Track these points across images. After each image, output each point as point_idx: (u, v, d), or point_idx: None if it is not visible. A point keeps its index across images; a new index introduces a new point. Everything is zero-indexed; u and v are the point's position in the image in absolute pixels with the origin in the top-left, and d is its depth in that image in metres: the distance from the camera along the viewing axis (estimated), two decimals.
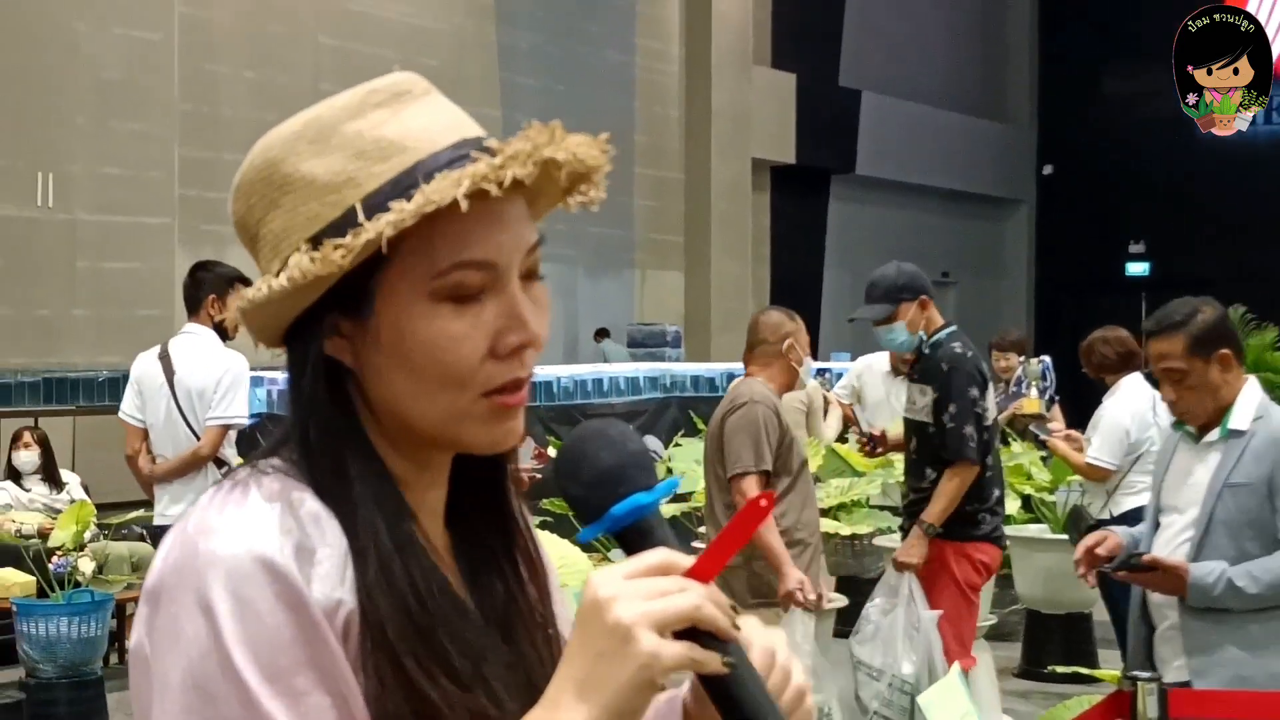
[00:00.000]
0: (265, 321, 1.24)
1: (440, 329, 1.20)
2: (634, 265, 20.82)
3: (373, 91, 1.24)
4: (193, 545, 1.15)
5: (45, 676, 6.81)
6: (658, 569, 1.11)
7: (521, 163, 1.17)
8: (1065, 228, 30.24)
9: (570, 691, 1.09)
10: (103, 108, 12.54)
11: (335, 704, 1.13)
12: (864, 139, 25.35)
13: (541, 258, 1.27)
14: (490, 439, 1.25)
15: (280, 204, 1.22)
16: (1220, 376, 4.07)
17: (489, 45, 17.89)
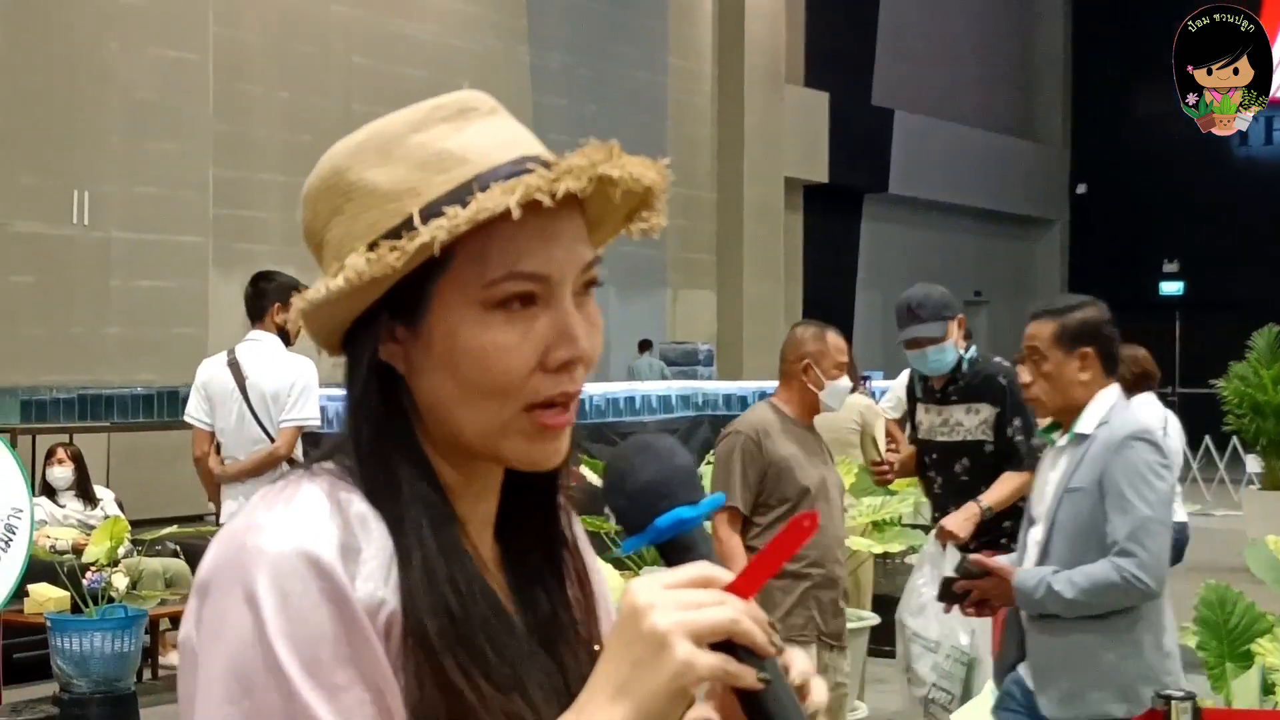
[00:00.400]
0: (323, 323, 1.26)
1: (490, 338, 1.21)
2: (666, 284, 20.83)
3: (438, 106, 1.27)
4: (240, 541, 1.17)
5: (79, 691, 6.84)
6: (698, 581, 1.12)
7: (576, 176, 1.19)
8: (1098, 247, 30.14)
9: (604, 695, 1.10)
10: (137, 127, 12.61)
11: (374, 700, 1.14)
12: (896, 158, 25.33)
13: None
14: (530, 456, 1.26)
15: (343, 211, 1.25)
16: (1077, 374, 4.09)
17: (521, 66, 17.94)
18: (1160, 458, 3.98)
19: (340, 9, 15.81)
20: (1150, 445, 3.99)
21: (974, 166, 27.13)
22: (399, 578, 1.19)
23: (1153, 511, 3.91)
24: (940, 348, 5.84)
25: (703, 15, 21.34)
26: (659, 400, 13.60)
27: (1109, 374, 4.12)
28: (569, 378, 1.23)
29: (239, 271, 14.83)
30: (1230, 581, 4.50)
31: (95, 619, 6.89)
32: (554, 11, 18.72)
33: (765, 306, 21.68)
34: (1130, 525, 3.89)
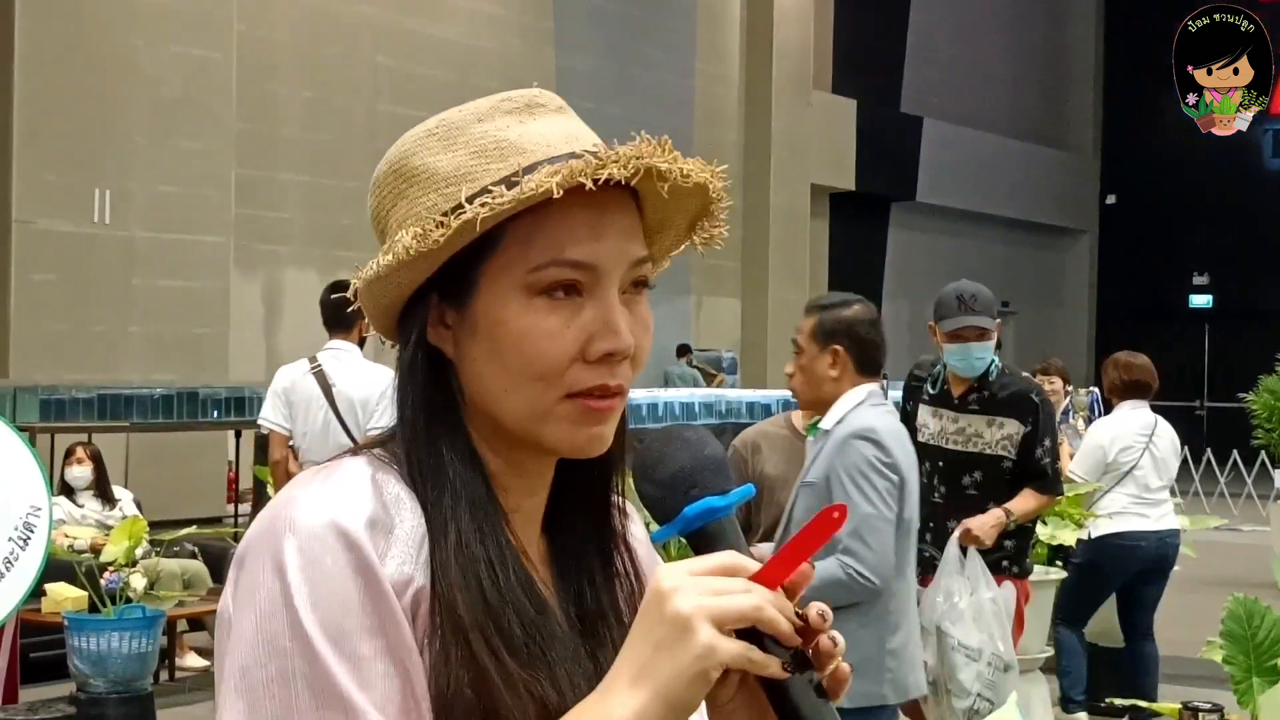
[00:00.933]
0: (376, 302, 1.30)
1: (532, 323, 1.23)
2: (690, 291, 20.80)
3: (506, 99, 1.30)
4: (276, 513, 1.20)
5: (96, 691, 6.84)
6: (725, 569, 1.13)
7: (622, 164, 1.21)
8: (1127, 258, 30.03)
9: (626, 677, 1.12)
10: (160, 125, 12.62)
11: (397, 673, 1.16)
12: (925, 166, 25.26)
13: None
14: (573, 441, 1.27)
15: (406, 195, 1.28)
16: (828, 370, 4.19)
17: (547, 68, 17.93)
18: (884, 455, 4.07)
19: (365, 9, 15.81)
20: (872, 444, 4.07)
21: (1003, 175, 27.04)
22: (430, 554, 1.21)
23: (875, 509, 4.00)
24: (983, 345, 5.59)
25: (730, 20, 21.31)
26: (682, 407, 13.59)
27: (861, 373, 4.21)
28: (609, 371, 1.25)
29: (261, 271, 14.89)
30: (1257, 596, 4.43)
31: (113, 619, 6.88)
32: (580, 14, 18.71)
33: (790, 314, 21.56)
34: (853, 523, 3.96)
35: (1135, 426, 7.60)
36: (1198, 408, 27.64)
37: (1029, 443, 5.56)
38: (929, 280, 26.42)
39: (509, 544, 1.26)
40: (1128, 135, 30.14)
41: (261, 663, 1.15)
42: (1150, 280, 29.73)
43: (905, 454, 4.22)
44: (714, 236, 1.37)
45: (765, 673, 1.11)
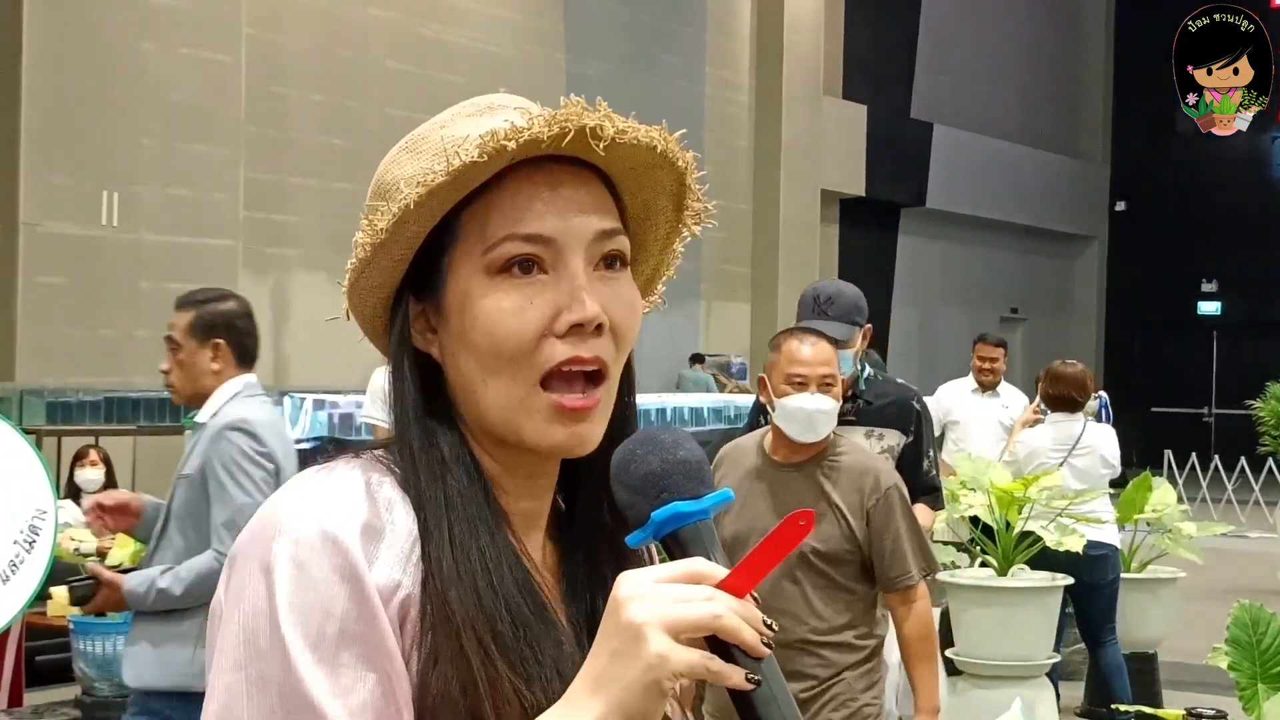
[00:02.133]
0: (360, 311, 1.32)
1: (494, 303, 1.23)
2: (700, 296, 20.78)
3: (469, 104, 1.34)
4: (269, 516, 1.20)
5: (101, 695, 6.84)
6: (689, 576, 1.11)
7: (545, 123, 1.21)
8: (1137, 265, 29.99)
9: (585, 688, 1.10)
10: (169, 128, 12.62)
11: (377, 680, 1.15)
12: (935, 172, 25.24)
13: None
14: (551, 440, 1.25)
15: (377, 209, 1.29)
16: (209, 363, 4.27)
17: (558, 73, 17.93)
18: (258, 445, 4.11)
19: (377, 13, 15.81)
20: (246, 434, 4.12)
21: (1013, 182, 27.01)
22: (423, 558, 1.20)
23: (250, 498, 4.01)
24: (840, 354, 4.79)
25: (742, 26, 21.31)
26: (691, 412, 13.55)
27: (240, 365, 4.29)
28: (582, 342, 1.23)
29: (270, 276, 14.89)
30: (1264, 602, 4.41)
31: (119, 622, 6.86)
32: (592, 19, 18.71)
33: None
34: (228, 513, 4.01)
35: (1052, 441, 7.72)
36: (1205, 414, 27.58)
37: (913, 454, 5.16)
38: (939, 286, 26.41)
39: (506, 545, 1.24)
40: (1138, 142, 30.10)
41: (242, 664, 1.15)
42: (1159, 287, 29.68)
43: (281, 444, 4.30)
44: (700, 215, 1.36)
45: (727, 683, 1.09)
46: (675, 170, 1.32)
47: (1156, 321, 29.81)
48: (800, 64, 21.52)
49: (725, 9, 21.02)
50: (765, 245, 21.27)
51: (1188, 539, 8.48)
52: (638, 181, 1.31)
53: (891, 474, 4.17)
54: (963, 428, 9.63)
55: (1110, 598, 7.60)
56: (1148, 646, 8.35)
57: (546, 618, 1.24)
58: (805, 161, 21.60)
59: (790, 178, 21.33)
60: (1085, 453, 7.73)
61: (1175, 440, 22.12)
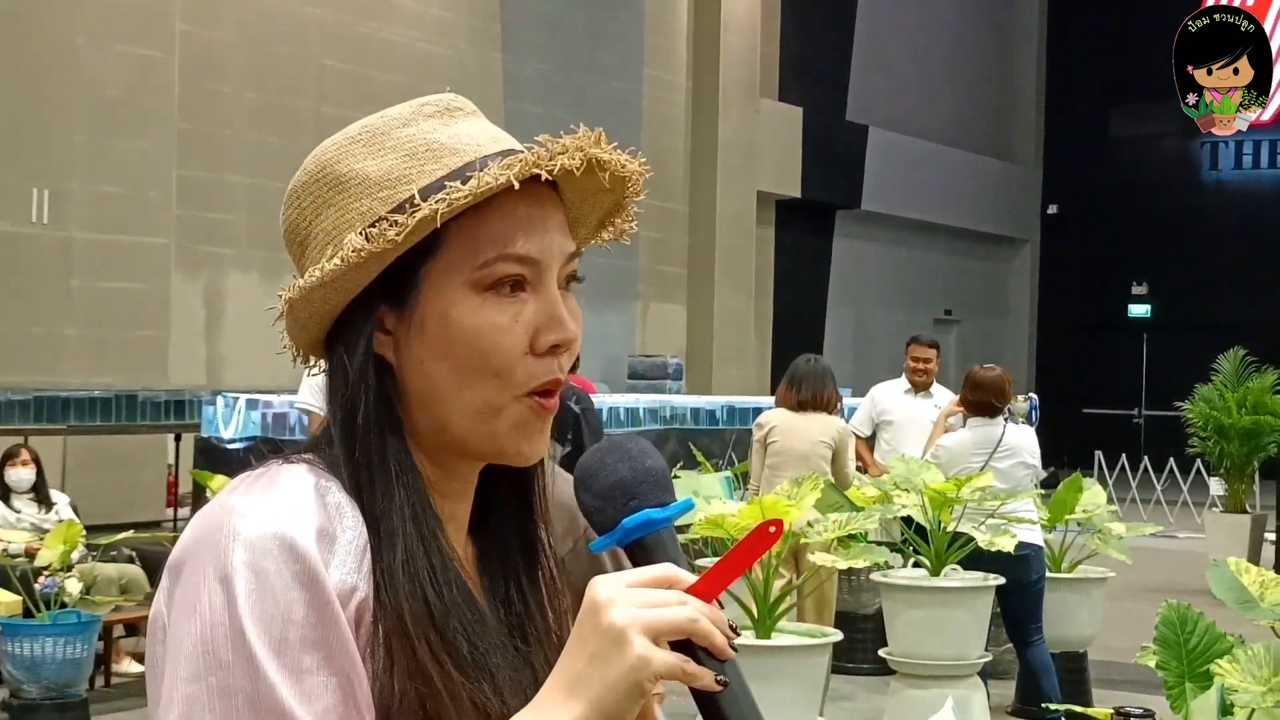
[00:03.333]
0: (311, 314, 1.28)
1: (484, 319, 1.24)
2: (637, 297, 20.79)
3: (426, 104, 1.31)
4: (217, 522, 1.18)
5: (29, 697, 6.77)
6: (660, 581, 1.14)
7: (571, 155, 1.24)
8: (1068, 268, 30.26)
9: (561, 689, 1.12)
10: (101, 125, 12.50)
11: (340, 684, 1.16)
12: (870, 174, 25.36)
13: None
14: (517, 446, 1.28)
15: (333, 203, 1.28)
16: None
17: (495, 73, 17.90)
18: None
19: (313, 10, 15.72)
20: None
21: (947, 184, 27.19)
22: (373, 565, 1.21)
23: None
24: None
25: (678, 27, 21.34)
26: (626, 413, 13.54)
27: None
28: (557, 363, 1.27)
29: (202, 274, 14.77)
30: (1192, 602, 4.46)
31: (47, 624, 6.81)
32: (529, 18, 18.68)
33: (736, 321, 21.65)
34: None
35: (972, 445, 7.82)
36: (1135, 416, 27.84)
37: (570, 466, 4.28)
38: (874, 288, 26.55)
39: (449, 555, 1.26)
40: (1069, 146, 30.36)
41: (201, 674, 1.14)
42: (1090, 289, 29.95)
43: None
44: (622, 233, 1.38)
45: (699, 685, 1.12)
46: (621, 194, 1.35)
47: (1088, 323, 30.08)
48: (737, 65, 21.57)
49: (662, 10, 21.05)
50: (701, 246, 21.31)
51: (1117, 539, 8.56)
52: (583, 200, 1.33)
53: None
54: (896, 428, 9.73)
55: (1035, 597, 7.67)
56: (1077, 645, 8.42)
57: (487, 622, 1.27)
58: (741, 163, 21.65)
59: (726, 179, 21.38)
60: (1006, 455, 7.81)
61: (1106, 441, 22.31)
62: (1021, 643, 7.75)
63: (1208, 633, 4.43)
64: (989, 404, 7.88)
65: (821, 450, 8.30)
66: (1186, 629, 4.46)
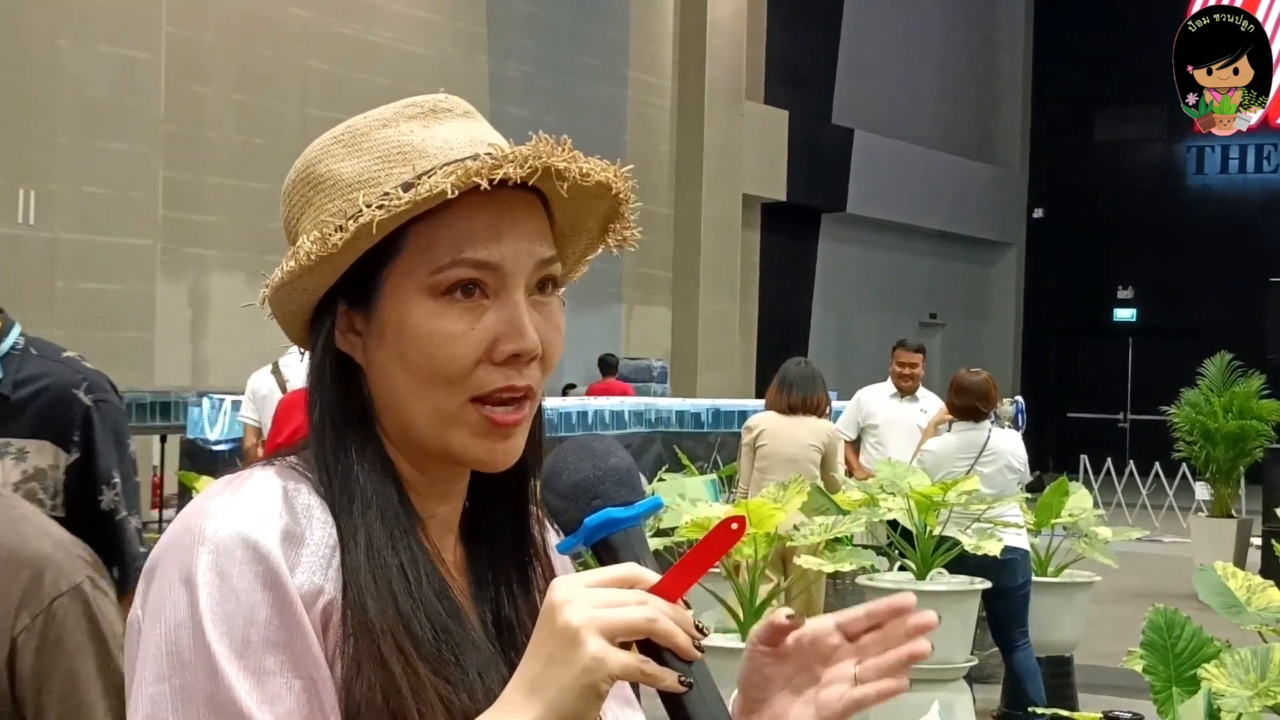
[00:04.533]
0: (285, 308, 1.30)
1: (436, 325, 1.23)
2: (621, 300, 20.79)
3: (410, 104, 1.31)
4: (186, 525, 1.19)
5: None
6: (621, 581, 1.12)
7: (518, 164, 1.21)
8: (1054, 272, 30.30)
9: (520, 692, 1.11)
10: (86, 126, 12.47)
11: (303, 687, 1.16)
12: (855, 178, 25.38)
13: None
14: (476, 453, 1.26)
15: (312, 202, 1.29)
16: None
17: (480, 75, 17.87)
18: None
19: (298, 12, 15.69)
20: None
21: (932, 188, 27.21)
22: (342, 562, 1.20)
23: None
24: None
25: (664, 30, 21.34)
26: (612, 415, 13.56)
27: None
28: (516, 372, 1.25)
29: (188, 275, 14.74)
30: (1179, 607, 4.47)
31: None
32: (514, 21, 18.66)
33: (721, 324, 21.65)
34: None
35: (958, 450, 7.86)
36: (1120, 420, 27.89)
37: (82, 484, 3.06)
38: (859, 291, 26.57)
39: (422, 550, 1.25)
40: (1055, 150, 30.41)
41: (165, 675, 1.15)
42: (1076, 293, 29.99)
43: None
44: (625, 239, 1.37)
45: (660, 686, 1.11)
46: (615, 200, 1.32)
47: (1073, 328, 30.13)
48: (722, 68, 21.57)
49: (647, 12, 21.05)
50: (686, 249, 21.30)
51: (1103, 543, 8.57)
52: (574, 206, 1.31)
53: (71, 560, 1.98)
54: (881, 431, 9.75)
55: (1021, 601, 7.68)
56: (1063, 650, 8.43)
57: (463, 621, 1.25)
58: (726, 165, 21.65)
59: (712, 182, 21.38)
60: (991, 459, 7.83)
61: (1091, 445, 22.35)
62: (1007, 647, 7.76)
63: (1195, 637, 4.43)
64: (974, 408, 7.90)
65: (810, 454, 8.32)
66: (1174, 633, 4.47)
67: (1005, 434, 8.26)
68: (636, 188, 1.33)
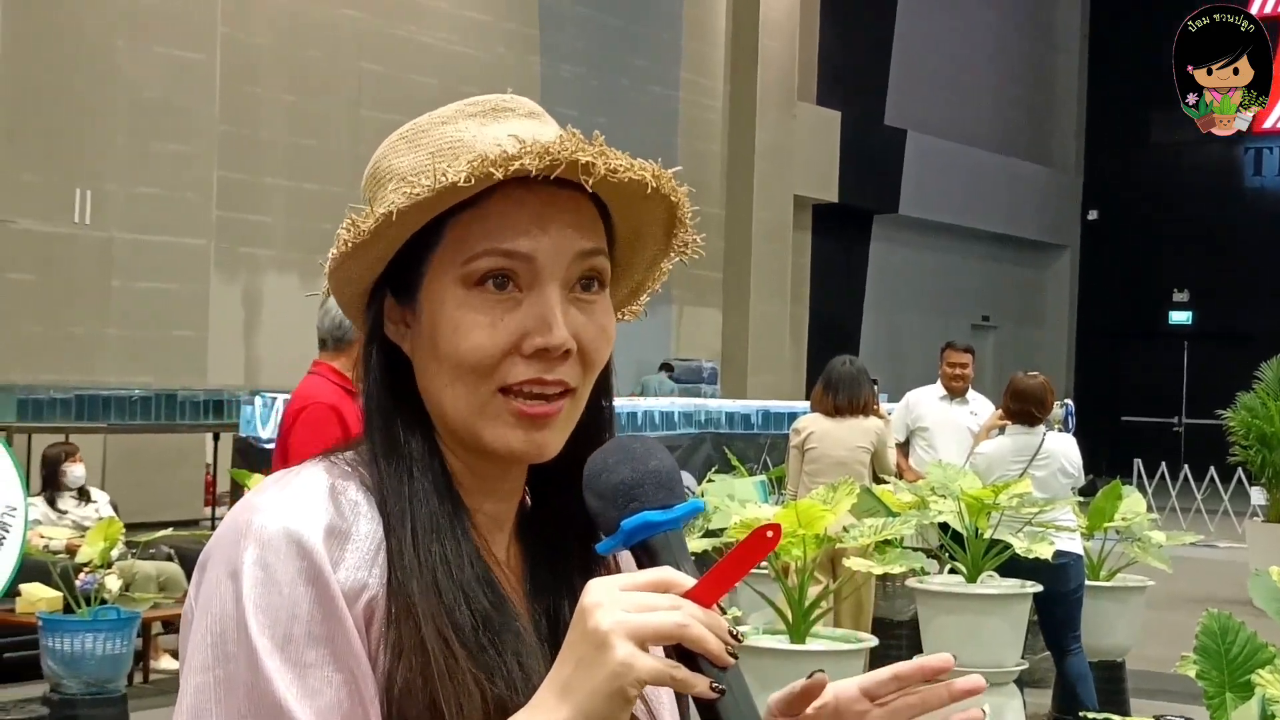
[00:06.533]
0: (340, 295, 1.33)
1: (465, 315, 1.24)
2: (672, 301, 20.79)
3: (472, 103, 1.32)
4: (235, 520, 1.21)
5: (69, 692, 6.80)
6: (655, 585, 1.11)
7: (537, 156, 1.20)
8: (1108, 274, 30.09)
9: (552, 694, 1.11)
10: (141, 127, 12.58)
11: (343, 681, 1.17)
12: (908, 179, 25.29)
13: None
14: (508, 444, 1.26)
15: (376, 196, 1.30)
16: None
17: (531, 76, 17.92)
18: None
19: (350, 14, 15.78)
20: None
21: (985, 190, 27.08)
22: (388, 556, 1.21)
23: None
24: None
25: (716, 31, 21.33)
26: (662, 416, 13.55)
27: None
28: (546, 367, 1.24)
29: (241, 275, 14.85)
30: (1232, 612, 4.42)
31: (87, 620, 6.85)
32: (566, 22, 18.70)
33: (771, 325, 21.61)
34: None
35: (1011, 453, 7.81)
36: (1175, 424, 27.68)
37: None
38: (910, 293, 26.47)
39: (467, 539, 1.25)
40: (1110, 152, 30.21)
41: (210, 665, 1.17)
42: (1130, 296, 29.78)
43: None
44: (687, 244, 1.37)
45: (692, 692, 1.09)
46: (668, 203, 1.31)
47: (1127, 331, 29.91)
48: (775, 69, 21.54)
49: (700, 14, 21.05)
50: (737, 250, 21.29)
51: (1157, 548, 8.50)
52: (630, 208, 1.30)
53: None
54: (931, 433, 9.70)
55: (1074, 606, 7.63)
56: (1115, 654, 8.37)
57: (506, 610, 1.25)
58: (778, 167, 21.62)
59: (763, 183, 21.36)
60: (1045, 463, 7.77)
61: (1145, 449, 22.18)
62: (1059, 651, 7.71)
63: (1249, 643, 4.39)
64: (1030, 413, 7.85)
65: (860, 456, 8.29)
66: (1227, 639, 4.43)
67: (1060, 437, 8.21)
68: (689, 191, 1.32)
